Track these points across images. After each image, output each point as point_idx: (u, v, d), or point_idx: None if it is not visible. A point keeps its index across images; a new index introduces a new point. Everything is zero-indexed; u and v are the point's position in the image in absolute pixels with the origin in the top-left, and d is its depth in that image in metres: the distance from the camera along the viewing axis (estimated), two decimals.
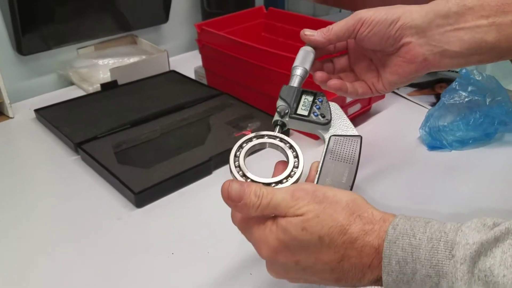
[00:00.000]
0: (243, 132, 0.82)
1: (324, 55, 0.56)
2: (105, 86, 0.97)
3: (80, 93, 1.01)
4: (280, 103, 0.48)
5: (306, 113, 0.48)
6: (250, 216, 0.41)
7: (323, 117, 0.48)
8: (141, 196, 0.66)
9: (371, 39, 0.51)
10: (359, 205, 0.39)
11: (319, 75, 0.54)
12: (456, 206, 0.65)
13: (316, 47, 0.53)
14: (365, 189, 0.70)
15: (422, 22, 0.49)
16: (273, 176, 0.46)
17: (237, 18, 1.03)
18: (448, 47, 0.49)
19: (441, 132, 0.77)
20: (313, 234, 0.38)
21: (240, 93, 0.93)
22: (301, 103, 0.49)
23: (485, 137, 0.78)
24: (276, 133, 0.47)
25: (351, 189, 0.45)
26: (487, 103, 0.75)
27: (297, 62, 0.52)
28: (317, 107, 0.48)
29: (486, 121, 0.76)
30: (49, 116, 0.87)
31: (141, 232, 0.62)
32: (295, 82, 0.50)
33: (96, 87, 0.98)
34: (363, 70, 0.56)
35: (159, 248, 0.59)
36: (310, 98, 0.49)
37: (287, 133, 0.84)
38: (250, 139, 0.46)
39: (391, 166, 0.75)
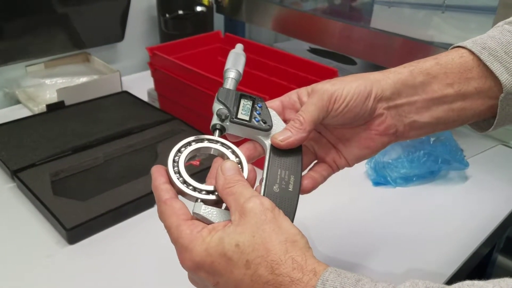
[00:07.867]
0: (191, 162, 0.80)
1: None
2: (51, 107, 0.93)
3: (26, 112, 0.97)
4: (218, 106, 0.46)
5: (247, 118, 0.46)
6: (220, 186, 0.40)
7: (265, 122, 0.46)
8: (74, 232, 0.63)
9: (345, 115, 0.45)
10: (296, 248, 0.37)
11: (309, 185, 0.48)
12: (397, 243, 0.65)
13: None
14: (306, 223, 0.69)
15: (392, 93, 0.46)
16: (211, 174, 0.44)
17: (193, 42, 1.02)
18: (418, 118, 0.47)
19: (385, 168, 0.77)
20: (243, 254, 0.36)
21: (192, 119, 0.91)
22: (241, 107, 0.46)
23: (429, 175, 0.79)
24: (217, 138, 0.45)
25: (298, 197, 0.43)
26: (431, 142, 0.76)
27: (228, 64, 0.49)
28: (258, 112, 0.46)
29: (430, 160, 0.77)
30: None
31: (70, 272, 0.60)
32: (230, 85, 0.48)
33: (42, 107, 0.95)
34: (322, 151, 0.51)
35: None
36: (250, 103, 0.47)
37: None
38: (189, 143, 0.44)
39: (336, 199, 0.75)
